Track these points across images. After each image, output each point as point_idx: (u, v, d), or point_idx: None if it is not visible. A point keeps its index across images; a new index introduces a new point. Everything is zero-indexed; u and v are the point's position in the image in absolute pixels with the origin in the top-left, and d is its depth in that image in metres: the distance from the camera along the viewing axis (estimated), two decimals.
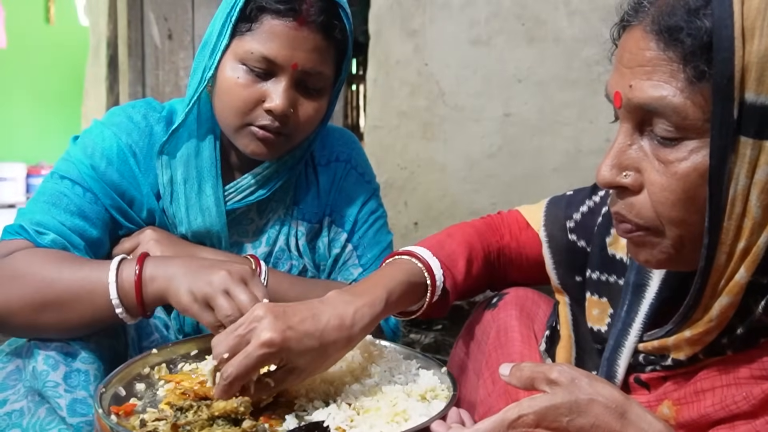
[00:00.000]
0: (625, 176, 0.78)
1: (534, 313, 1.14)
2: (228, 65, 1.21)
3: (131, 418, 0.90)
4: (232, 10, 1.19)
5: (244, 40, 1.19)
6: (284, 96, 1.18)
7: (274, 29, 1.17)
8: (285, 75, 1.19)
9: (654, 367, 0.88)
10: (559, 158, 2.69)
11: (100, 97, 4.27)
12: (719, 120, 0.69)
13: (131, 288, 1.05)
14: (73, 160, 1.23)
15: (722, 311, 0.76)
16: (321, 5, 1.18)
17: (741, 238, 0.72)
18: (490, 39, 2.78)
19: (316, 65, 1.20)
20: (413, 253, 1.11)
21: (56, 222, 1.16)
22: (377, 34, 3.05)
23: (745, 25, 0.67)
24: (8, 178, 5.91)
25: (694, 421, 0.80)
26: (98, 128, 1.28)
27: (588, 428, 0.74)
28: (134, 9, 4.04)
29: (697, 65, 0.70)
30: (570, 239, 1.12)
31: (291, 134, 1.24)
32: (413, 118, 2.95)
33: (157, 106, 1.35)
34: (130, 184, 1.25)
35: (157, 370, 1.04)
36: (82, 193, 1.20)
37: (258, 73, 1.19)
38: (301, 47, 1.18)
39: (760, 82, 0.67)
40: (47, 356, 1.05)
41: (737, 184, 0.70)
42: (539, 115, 2.72)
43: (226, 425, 0.86)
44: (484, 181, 2.83)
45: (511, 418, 0.75)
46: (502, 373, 0.83)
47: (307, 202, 1.39)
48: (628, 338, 0.92)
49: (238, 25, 1.19)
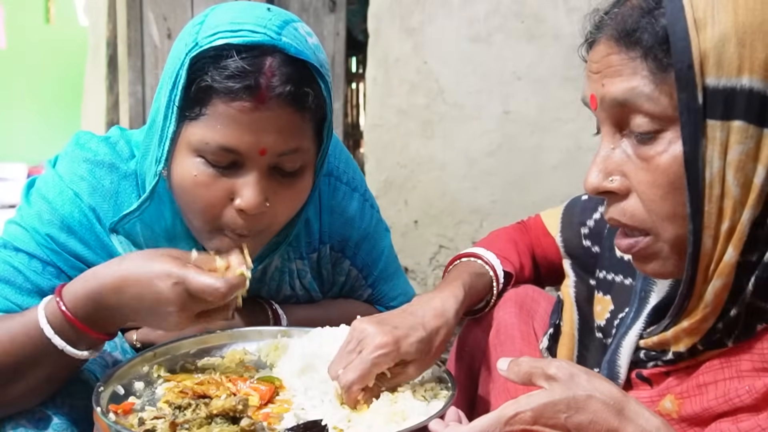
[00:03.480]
0: (611, 181, 0.81)
1: (534, 311, 1.14)
2: (182, 157, 0.98)
3: (130, 417, 0.90)
4: (173, 90, 0.95)
5: (195, 128, 0.95)
6: (256, 191, 0.96)
7: (228, 114, 0.93)
8: (253, 165, 0.96)
9: (656, 363, 0.89)
10: (559, 155, 2.69)
11: (99, 97, 4.28)
12: (686, 107, 0.72)
13: (66, 324, 0.92)
14: (28, 228, 1.05)
15: (716, 294, 0.77)
16: (285, 72, 0.94)
17: (724, 219, 0.74)
18: (490, 36, 2.78)
19: (291, 143, 0.97)
20: (468, 254, 1.18)
21: (9, 304, 1.01)
22: (376, 33, 3.04)
23: (696, 16, 0.71)
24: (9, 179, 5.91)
25: (697, 414, 0.81)
26: (57, 186, 1.07)
27: (586, 425, 0.74)
28: (133, 9, 4.04)
29: (657, 57, 0.74)
30: (585, 245, 1.14)
31: (268, 227, 1.04)
32: (413, 116, 2.95)
33: (125, 152, 1.11)
34: (97, 254, 1.07)
35: (156, 369, 1.04)
36: (41, 268, 1.03)
37: (220, 167, 0.96)
38: (267, 129, 0.94)
39: (719, 66, 0.71)
40: (16, 425, 0.95)
41: (712, 167, 0.73)
42: (539, 113, 2.71)
43: (224, 423, 0.86)
44: (484, 178, 2.82)
45: (509, 415, 0.75)
46: (499, 368, 0.83)
47: (299, 237, 1.21)
48: (629, 336, 0.92)
49: (186, 108, 0.96)
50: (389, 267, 1.35)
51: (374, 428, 0.87)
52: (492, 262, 1.15)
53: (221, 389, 0.95)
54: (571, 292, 1.14)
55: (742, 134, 0.72)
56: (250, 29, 0.94)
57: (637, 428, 0.74)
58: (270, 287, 1.21)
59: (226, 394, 0.93)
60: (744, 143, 0.72)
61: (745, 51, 0.70)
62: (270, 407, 0.95)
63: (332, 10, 3.81)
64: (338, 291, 1.32)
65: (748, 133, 0.72)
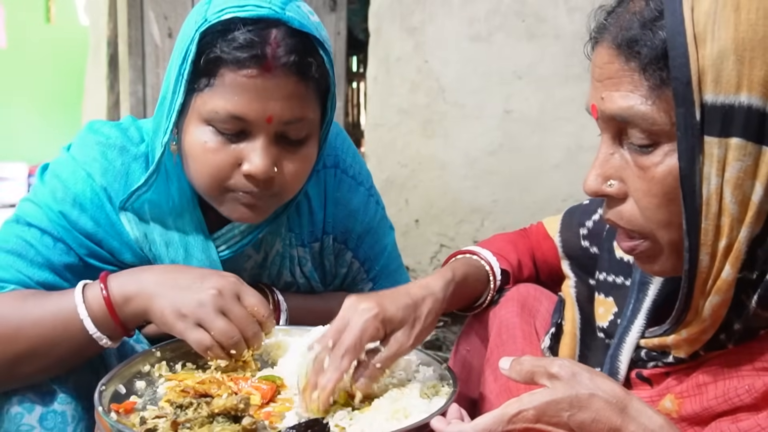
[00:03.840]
0: (609, 185, 0.81)
1: (536, 310, 1.14)
2: (192, 127, 1.04)
3: (131, 416, 0.90)
4: (182, 63, 1.01)
5: (205, 98, 1.01)
6: (264, 156, 1.02)
7: (236, 82, 0.98)
8: (261, 132, 1.02)
9: (656, 363, 0.89)
10: (560, 154, 2.69)
11: (100, 96, 4.28)
12: (683, 123, 0.71)
13: (105, 314, 0.98)
14: (41, 205, 1.09)
15: (714, 310, 0.77)
16: (290, 43, 1.00)
17: (721, 237, 0.73)
18: (490, 35, 2.78)
19: (296, 112, 1.02)
20: (465, 251, 1.19)
21: (19, 275, 1.05)
22: (377, 32, 3.05)
23: (696, 31, 0.70)
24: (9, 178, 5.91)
25: (697, 414, 0.81)
26: (70, 166, 1.12)
27: (588, 423, 0.74)
28: (134, 8, 4.04)
29: (655, 73, 0.73)
30: (583, 245, 1.15)
31: (280, 193, 1.09)
32: (413, 115, 2.95)
33: (135, 137, 1.17)
34: (107, 232, 1.12)
35: (158, 368, 1.04)
36: (52, 243, 1.08)
37: (229, 134, 1.02)
38: (274, 96, 1.00)
39: (717, 82, 0.70)
40: (23, 398, 1.00)
41: (709, 184, 0.72)
42: (539, 112, 2.72)
43: (226, 422, 0.86)
44: (485, 177, 2.83)
45: (511, 413, 0.75)
46: (502, 367, 0.83)
47: (302, 225, 1.24)
48: (630, 334, 0.92)
49: (195, 81, 1.02)
50: (391, 263, 1.36)
51: (375, 426, 0.87)
52: (488, 258, 1.16)
53: (223, 388, 0.95)
54: (572, 292, 1.15)
55: (740, 151, 0.71)
56: (256, 4, 1.01)
57: (639, 426, 0.74)
58: (271, 272, 1.25)
59: (228, 393, 0.93)
60: (742, 160, 0.71)
61: (744, 68, 0.69)
62: (272, 406, 0.95)
63: (333, 9, 3.82)
64: (340, 283, 1.34)
65: (746, 150, 0.71)
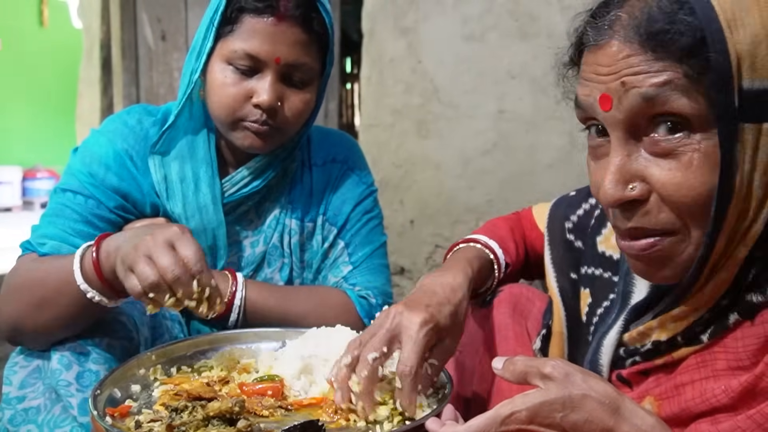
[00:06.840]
0: (631, 189, 0.77)
1: (528, 311, 1.15)
2: (216, 67, 1.27)
3: (126, 420, 0.90)
4: (214, 14, 1.26)
5: (228, 41, 1.25)
6: (270, 90, 1.24)
7: (254, 27, 1.23)
8: (269, 70, 1.25)
9: (634, 359, 0.89)
10: (554, 154, 2.70)
11: (94, 99, 4.26)
12: (724, 110, 0.70)
13: (91, 269, 1.05)
14: (73, 171, 1.30)
15: (716, 287, 0.78)
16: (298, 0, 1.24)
17: (745, 221, 0.74)
18: (484, 35, 2.78)
19: (299, 57, 1.26)
20: (469, 239, 1.20)
21: (58, 230, 1.22)
22: (370, 33, 3.05)
23: (727, 18, 0.70)
24: (4, 182, 5.90)
25: (676, 415, 0.81)
26: (94, 137, 1.34)
27: (581, 424, 0.74)
28: (127, 10, 4.03)
29: (691, 61, 0.71)
30: (568, 239, 1.14)
31: (282, 127, 1.30)
32: (407, 115, 2.95)
33: (153, 110, 1.40)
34: (130, 186, 1.31)
35: (153, 372, 1.04)
36: (84, 201, 1.26)
37: (244, 71, 1.25)
38: (282, 41, 1.24)
39: (753, 68, 0.70)
40: (62, 356, 1.10)
41: (743, 171, 0.72)
42: (533, 111, 2.72)
43: (221, 425, 0.86)
44: (479, 177, 2.83)
45: (504, 415, 0.75)
46: (494, 367, 0.83)
47: (301, 201, 1.43)
48: (609, 335, 0.92)
49: (222, 29, 1.26)
50: (375, 260, 1.45)
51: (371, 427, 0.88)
52: (496, 250, 1.17)
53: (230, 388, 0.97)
54: (555, 288, 1.14)
55: None
56: None
57: (632, 427, 0.74)
58: (266, 236, 1.40)
59: (234, 395, 0.94)
60: None
61: None
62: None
63: None
64: (320, 259, 1.44)
65: None
